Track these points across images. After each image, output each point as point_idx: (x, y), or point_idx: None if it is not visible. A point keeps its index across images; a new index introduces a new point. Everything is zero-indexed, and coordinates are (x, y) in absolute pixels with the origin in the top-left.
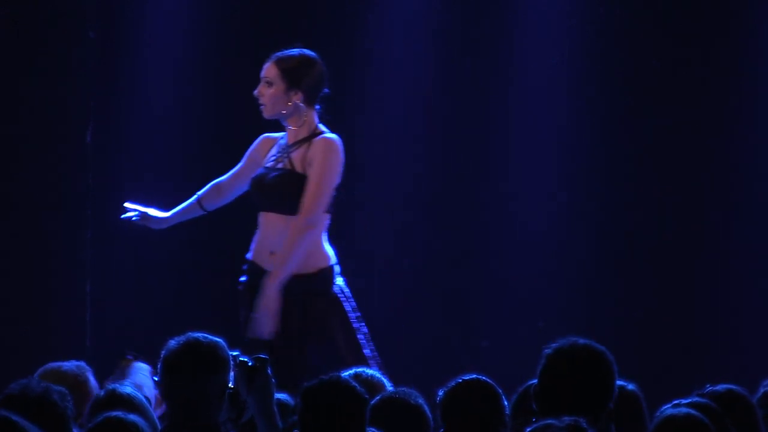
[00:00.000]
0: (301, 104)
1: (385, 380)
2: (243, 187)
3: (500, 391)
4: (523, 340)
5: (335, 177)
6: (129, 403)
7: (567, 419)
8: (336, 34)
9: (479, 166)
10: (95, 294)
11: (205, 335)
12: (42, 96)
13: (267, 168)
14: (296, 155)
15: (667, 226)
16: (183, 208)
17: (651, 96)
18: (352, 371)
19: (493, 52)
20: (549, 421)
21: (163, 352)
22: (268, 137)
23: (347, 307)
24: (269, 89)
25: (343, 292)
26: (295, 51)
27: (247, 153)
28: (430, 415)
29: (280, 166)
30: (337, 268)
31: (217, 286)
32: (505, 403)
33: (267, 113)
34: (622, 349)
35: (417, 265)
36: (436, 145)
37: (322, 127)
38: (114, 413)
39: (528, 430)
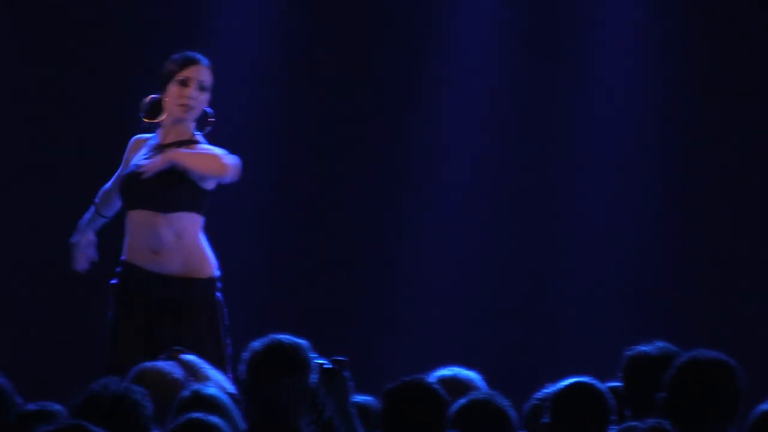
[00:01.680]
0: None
1: (481, 383)
2: None
3: (608, 395)
4: (596, 340)
5: (212, 172)
6: (212, 404)
7: (650, 421)
8: (401, 36)
9: (551, 167)
10: None
11: (288, 337)
12: (112, 98)
13: (140, 167)
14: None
15: (735, 231)
16: (88, 219)
17: (729, 99)
18: (451, 372)
19: (566, 53)
20: (632, 423)
21: (245, 353)
22: (138, 138)
23: (225, 320)
24: (202, 95)
25: (222, 303)
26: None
27: (124, 158)
28: (514, 418)
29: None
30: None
31: (289, 287)
32: (613, 408)
33: (191, 117)
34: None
35: (494, 266)
36: (508, 147)
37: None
38: (195, 415)
39: (614, 430)
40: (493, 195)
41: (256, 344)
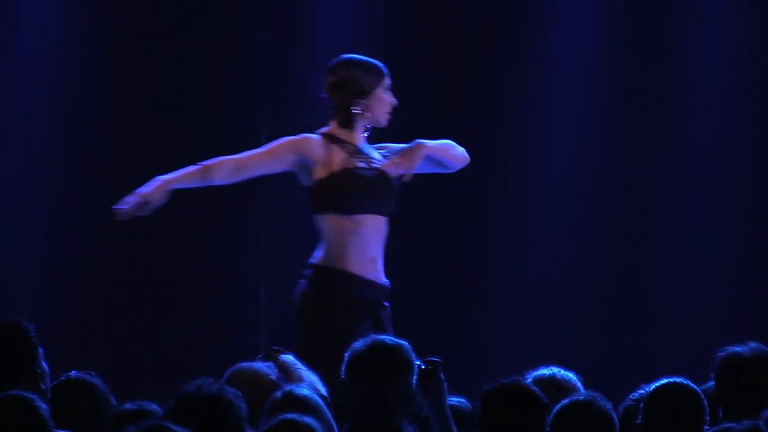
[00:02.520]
0: None
1: (579, 384)
2: (258, 174)
3: (702, 395)
4: (691, 342)
5: (464, 160)
6: (306, 405)
7: (747, 423)
8: (507, 38)
9: (653, 164)
10: (270, 297)
11: (391, 338)
12: (216, 100)
13: (370, 170)
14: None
15: None
16: (182, 176)
17: None
18: (549, 372)
19: (667, 52)
20: (728, 425)
21: (347, 353)
22: (309, 137)
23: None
24: None
25: None
26: None
27: (281, 144)
28: (616, 420)
29: (385, 169)
30: None
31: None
32: (707, 411)
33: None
34: None
35: (588, 267)
36: (607, 150)
37: None
38: (289, 415)
39: (710, 431)
40: (589, 194)
41: (358, 344)
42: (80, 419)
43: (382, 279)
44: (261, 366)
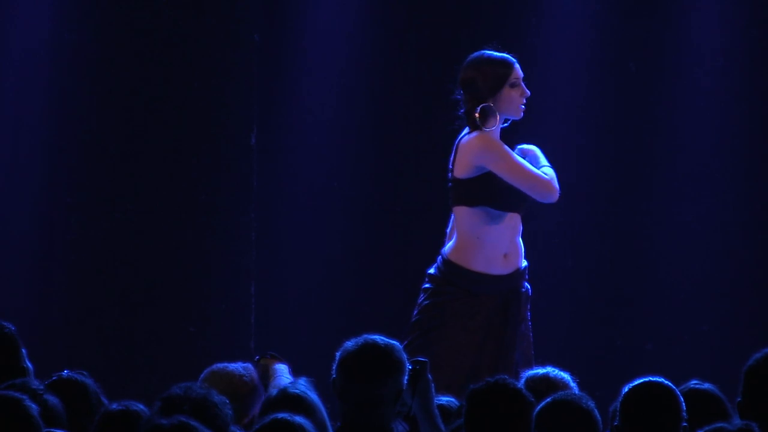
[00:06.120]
0: None
1: (572, 384)
2: None
3: (680, 395)
4: (686, 343)
5: None
6: (300, 403)
7: (738, 422)
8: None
9: (646, 164)
10: (260, 296)
11: (382, 337)
12: (206, 99)
13: None
14: None
15: None
16: None
17: None
18: (543, 371)
19: (657, 53)
20: (720, 425)
21: (338, 353)
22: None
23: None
24: None
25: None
26: None
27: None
28: (599, 420)
29: None
30: None
31: (379, 288)
32: (684, 408)
33: None
34: None
35: (583, 268)
36: (595, 148)
37: None
38: (281, 414)
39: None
40: (588, 194)
41: (350, 344)
42: (71, 419)
43: (512, 269)
44: (236, 367)
